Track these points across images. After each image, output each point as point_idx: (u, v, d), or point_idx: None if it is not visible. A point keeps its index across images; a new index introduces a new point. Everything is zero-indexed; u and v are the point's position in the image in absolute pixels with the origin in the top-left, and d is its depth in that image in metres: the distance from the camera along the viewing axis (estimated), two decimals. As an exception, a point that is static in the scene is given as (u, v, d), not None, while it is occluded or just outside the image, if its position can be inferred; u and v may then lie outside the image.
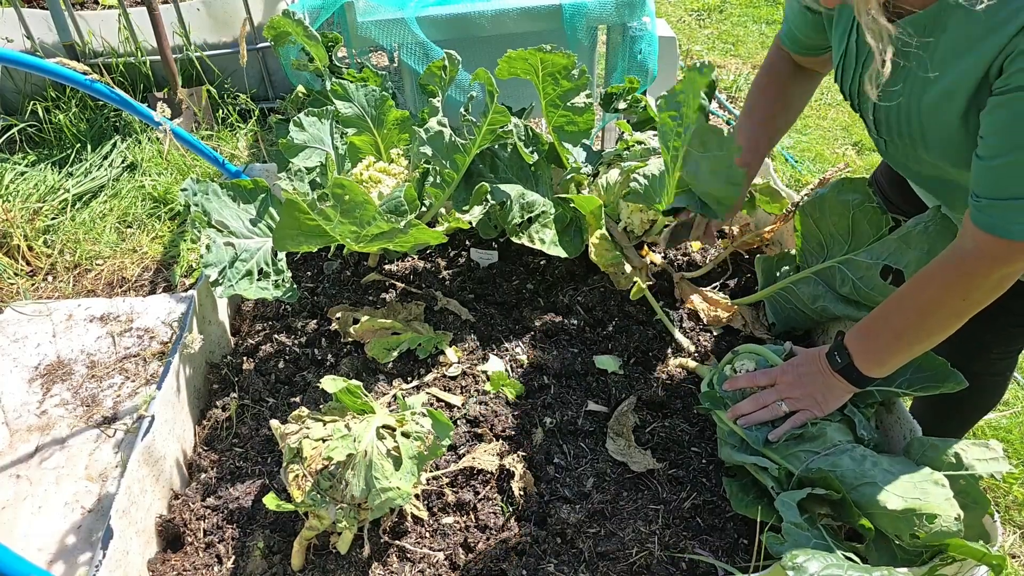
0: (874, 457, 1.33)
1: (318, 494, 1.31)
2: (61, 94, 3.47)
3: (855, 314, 1.62)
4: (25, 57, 1.72)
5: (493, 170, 2.00)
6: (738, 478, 1.50)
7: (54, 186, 3.14)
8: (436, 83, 2.10)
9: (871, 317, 1.38)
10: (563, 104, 1.94)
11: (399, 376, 1.79)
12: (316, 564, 1.42)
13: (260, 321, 2.03)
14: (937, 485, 1.24)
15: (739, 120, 1.74)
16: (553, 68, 1.87)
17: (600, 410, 1.71)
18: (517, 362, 1.83)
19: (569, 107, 1.95)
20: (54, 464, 2.03)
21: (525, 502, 1.51)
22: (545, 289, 2.06)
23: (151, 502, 1.50)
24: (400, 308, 1.94)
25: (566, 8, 2.62)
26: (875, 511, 1.25)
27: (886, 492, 1.24)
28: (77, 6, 3.76)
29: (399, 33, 2.56)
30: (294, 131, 1.89)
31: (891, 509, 1.22)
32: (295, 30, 2.36)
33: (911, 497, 1.22)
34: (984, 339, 1.63)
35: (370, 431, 1.35)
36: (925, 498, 1.21)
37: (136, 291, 2.81)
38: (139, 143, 3.44)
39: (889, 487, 1.25)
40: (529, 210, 1.83)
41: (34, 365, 2.35)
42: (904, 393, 1.47)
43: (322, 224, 1.53)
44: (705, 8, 5.39)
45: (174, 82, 3.54)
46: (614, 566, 1.40)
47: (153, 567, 1.45)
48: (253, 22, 3.67)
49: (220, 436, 1.72)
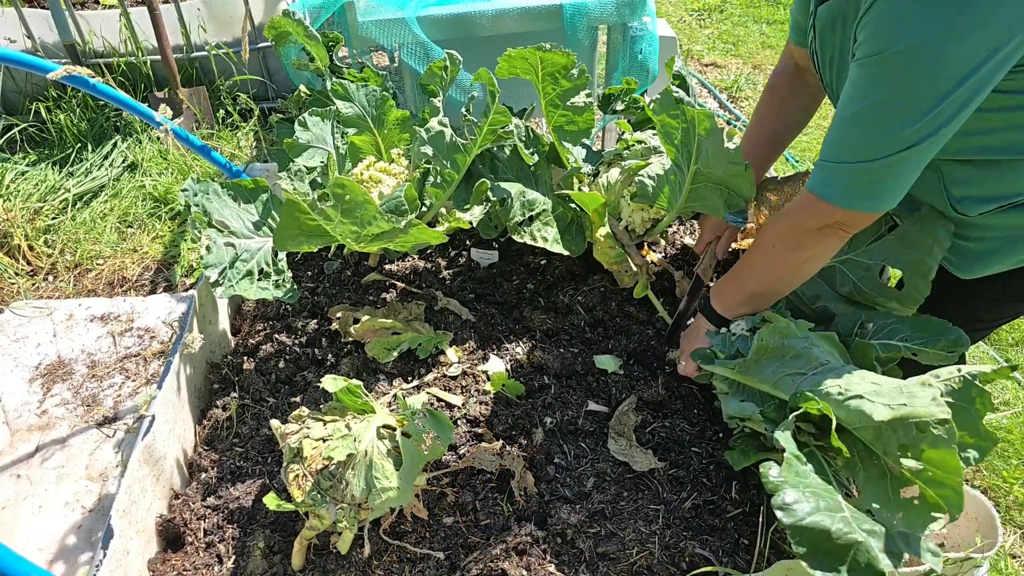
0: (862, 372, 1.29)
1: (318, 494, 1.31)
2: (62, 94, 3.47)
3: (854, 314, 1.62)
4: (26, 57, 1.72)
5: (493, 171, 2.00)
6: (738, 446, 1.48)
7: (55, 186, 3.14)
8: (437, 83, 2.10)
9: (734, 266, 1.60)
10: (563, 103, 1.94)
11: (399, 376, 1.79)
12: (316, 564, 1.42)
13: (260, 321, 2.03)
14: (924, 386, 1.18)
15: (744, 135, 1.78)
16: (553, 67, 1.87)
17: (600, 410, 1.71)
18: (517, 362, 1.83)
19: (569, 106, 1.95)
20: (54, 464, 2.03)
21: (525, 502, 1.51)
22: (545, 289, 2.06)
23: (151, 502, 1.50)
24: (400, 308, 1.94)
25: (566, 8, 2.62)
26: (862, 426, 1.19)
27: (871, 403, 1.18)
28: (78, 6, 3.76)
29: (399, 33, 2.56)
30: (299, 131, 1.89)
31: (877, 420, 1.15)
32: (295, 30, 2.36)
33: (897, 404, 1.15)
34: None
35: (370, 431, 1.35)
36: (912, 403, 1.14)
37: (137, 291, 2.81)
38: (140, 143, 3.44)
39: (876, 398, 1.19)
40: (530, 208, 1.83)
41: (34, 365, 2.35)
42: (907, 348, 1.45)
43: (323, 224, 1.53)
44: (705, 8, 5.39)
45: (175, 82, 3.54)
46: (614, 566, 1.40)
47: (153, 567, 1.45)
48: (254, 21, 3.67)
49: (220, 436, 1.72)
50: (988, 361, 2.55)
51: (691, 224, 2.36)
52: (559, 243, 1.88)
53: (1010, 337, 2.72)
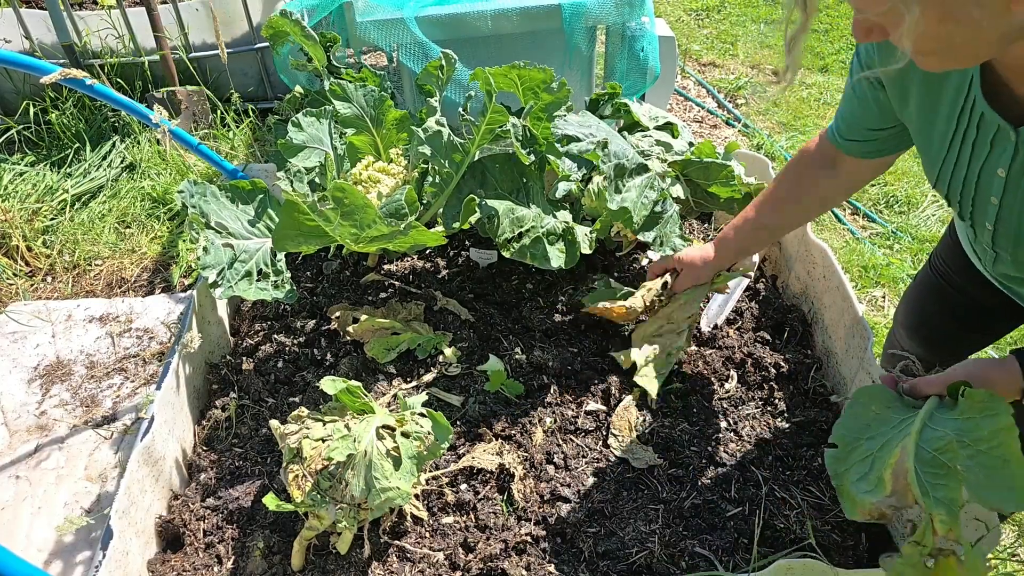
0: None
1: (318, 494, 1.31)
2: (59, 94, 3.46)
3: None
4: (23, 58, 1.72)
5: (483, 185, 1.93)
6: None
7: (53, 186, 3.13)
8: (433, 83, 2.10)
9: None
10: (546, 116, 1.94)
11: (399, 376, 1.79)
12: (316, 564, 1.42)
13: (259, 321, 2.02)
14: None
15: (749, 209, 1.66)
16: (532, 83, 1.87)
17: (600, 409, 1.71)
18: (517, 362, 1.82)
19: (553, 119, 1.93)
20: (54, 464, 2.03)
21: (525, 502, 1.51)
22: (545, 289, 2.06)
23: (151, 502, 1.50)
24: (400, 308, 1.94)
25: (565, 8, 2.62)
26: None
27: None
28: (76, 6, 3.76)
29: (398, 33, 2.56)
30: (292, 131, 1.89)
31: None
32: (292, 30, 2.35)
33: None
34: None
35: (370, 431, 1.35)
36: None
37: (135, 291, 2.80)
38: (138, 143, 3.44)
39: None
40: (519, 224, 1.78)
41: (33, 366, 2.35)
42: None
43: (322, 225, 1.53)
44: (704, 7, 5.39)
45: (173, 82, 3.54)
46: (614, 565, 1.40)
47: (153, 567, 1.45)
48: (252, 22, 3.67)
49: (220, 436, 1.72)
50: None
51: (690, 224, 2.36)
52: (548, 261, 1.78)
53: (1010, 337, 2.72)
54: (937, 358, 1.61)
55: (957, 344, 1.65)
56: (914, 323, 1.69)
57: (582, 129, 1.78)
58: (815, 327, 1.92)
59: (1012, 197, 1.09)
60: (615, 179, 1.74)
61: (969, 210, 1.18)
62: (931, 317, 1.65)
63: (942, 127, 1.14)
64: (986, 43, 0.89)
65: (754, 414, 1.72)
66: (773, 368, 1.79)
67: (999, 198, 1.10)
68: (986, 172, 1.10)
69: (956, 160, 1.15)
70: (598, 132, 1.77)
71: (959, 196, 1.18)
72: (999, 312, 1.48)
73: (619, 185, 1.75)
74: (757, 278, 2.10)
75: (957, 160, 1.14)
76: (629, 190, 1.76)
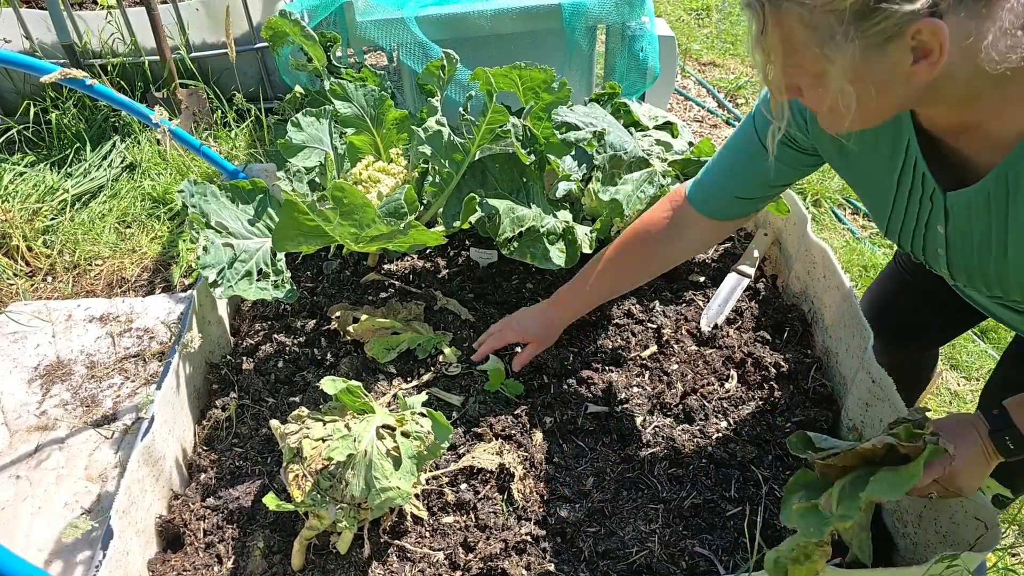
0: None
1: (318, 494, 1.31)
2: (60, 94, 3.46)
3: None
4: (23, 58, 1.72)
5: (483, 185, 1.95)
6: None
7: (53, 186, 3.13)
8: (434, 82, 2.10)
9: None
10: (546, 116, 1.94)
11: (399, 376, 1.79)
12: (316, 564, 1.42)
13: (259, 321, 2.02)
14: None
15: (589, 271, 1.68)
16: (532, 83, 1.87)
17: (600, 410, 1.71)
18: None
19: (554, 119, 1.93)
20: (54, 464, 2.03)
21: (525, 502, 1.51)
22: (545, 289, 2.06)
23: (151, 502, 1.50)
24: (400, 308, 1.94)
25: (565, 7, 2.62)
26: None
27: None
28: (76, 6, 3.76)
29: (398, 33, 2.56)
30: (292, 131, 1.89)
31: None
32: (292, 30, 2.35)
33: None
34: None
35: (370, 431, 1.35)
36: None
37: (135, 291, 2.80)
38: (138, 143, 3.44)
39: None
40: (519, 224, 1.78)
41: (33, 365, 2.35)
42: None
43: (321, 225, 1.53)
44: (704, 7, 5.39)
45: (173, 82, 3.54)
46: (614, 565, 1.40)
47: (153, 567, 1.45)
48: (252, 22, 3.67)
49: (220, 436, 1.72)
50: (986, 359, 2.56)
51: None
52: (548, 260, 1.79)
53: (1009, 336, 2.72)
54: (904, 354, 1.79)
55: (922, 329, 1.73)
56: (875, 312, 1.70)
57: (583, 118, 1.78)
58: (815, 327, 1.92)
59: (955, 252, 1.15)
60: (610, 170, 1.73)
61: (921, 256, 1.25)
62: (893, 298, 1.73)
63: (885, 182, 1.19)
64: (889, 106, 0.98)
65: (754, 414, 1.71)
66: (773, 368, 1.79)
67: (944, 250, 1.17)
68: (931, 227, 1.16)
69: (904, 214, 1.19)
70: (599, 123, 1.77)
71: (910, 246, 1.24)
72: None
73: (614, 177, 1.75)
74: (757, 278, 2.10)
75: (905, 214, 1.19)
76: (625, 183, 1.76)
